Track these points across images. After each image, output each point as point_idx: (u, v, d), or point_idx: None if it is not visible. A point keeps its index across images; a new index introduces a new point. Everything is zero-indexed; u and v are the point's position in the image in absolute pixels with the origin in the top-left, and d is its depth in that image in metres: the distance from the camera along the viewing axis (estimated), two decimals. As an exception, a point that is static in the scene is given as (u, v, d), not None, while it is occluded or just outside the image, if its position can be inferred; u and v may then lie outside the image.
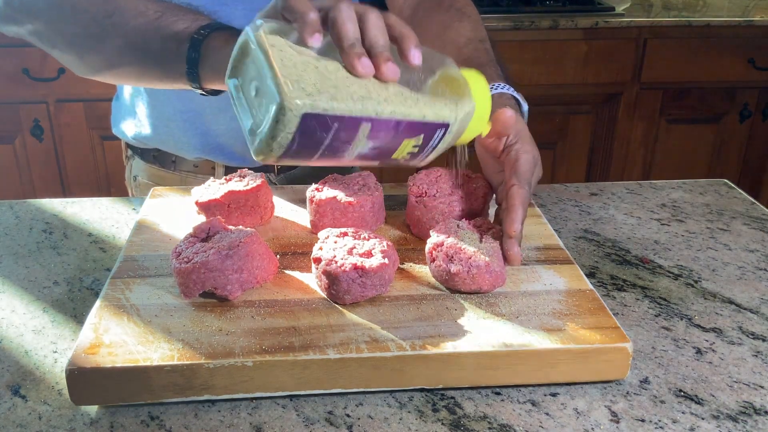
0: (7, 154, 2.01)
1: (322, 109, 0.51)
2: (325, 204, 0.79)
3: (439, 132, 0.57)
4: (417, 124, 0.56)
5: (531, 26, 1.98)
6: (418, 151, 0.58)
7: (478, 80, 0.61)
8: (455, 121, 0.58)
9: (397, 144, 0.57)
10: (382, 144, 0.56)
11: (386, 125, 0.54)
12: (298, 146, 0.53)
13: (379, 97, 0.54)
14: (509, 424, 0.59)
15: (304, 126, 0.51)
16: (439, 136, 0.57)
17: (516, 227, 0.68)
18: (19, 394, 0.62)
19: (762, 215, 0.96)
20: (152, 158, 1.06)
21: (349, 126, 0.53)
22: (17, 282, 0.78)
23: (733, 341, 0.70)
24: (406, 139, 0.56)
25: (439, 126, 0.57)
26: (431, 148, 0.59)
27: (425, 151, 0.59)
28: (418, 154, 0.59)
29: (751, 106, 2.19)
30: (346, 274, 0.66)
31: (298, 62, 0.52)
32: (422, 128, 0.56)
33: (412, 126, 0.56)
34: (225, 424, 0.59)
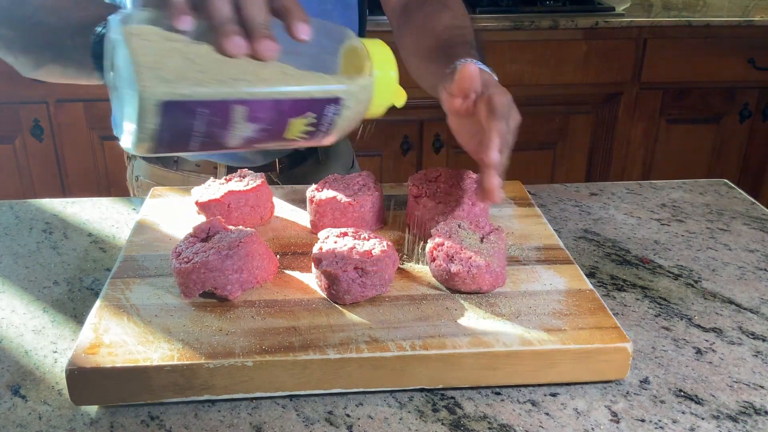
0: (7, 154, 2.01)
1: (182, 95, 0.49)
2: (325, 204, 0.79)
3: (330, 108, 0.54)
4: (301, 102, 0.53)
5: (531, 26, 1.98)
6: (315, 129, 0.56)
7: (381, 50, 0.58)
8: (349, 95, 0.55)
9: (284, 124, 0.54)
10: (268, 125, 0.53)
11: (264, 106, 0.52)
12: (169, 136, 0.51)
13: (253, 77, 0.51)
14: (509, 424, 0.59)
15: (167, 114, 0.49)
16: (332, 111, 0.55)
17: (492, 154, 0.64)
18: (19, 394, 0.62)
19: (762, 215, 0.96)
20: (154, 158, 1.06)
21: (219, 111, 0.51)
22: (17, 282, 0.78)
23: (733, 341, 0.70)
24: (292, 119, 0.54)
25: (328, 101, 0.54)
26: (328, 124, 0.56)
27: (322, 128, 0.56)
28: (315, 133, 0.56)
29: (751, 106, 2.19)
30: (346, 274, 0.66)
31: (161, 49, 0.49)
32: (308, 106, 0.54)
33: (297, 104, 0.53)
34: (225, 424, 0.59)
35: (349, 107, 0.56)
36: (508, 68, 2.03)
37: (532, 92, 2.09)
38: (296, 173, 1.09)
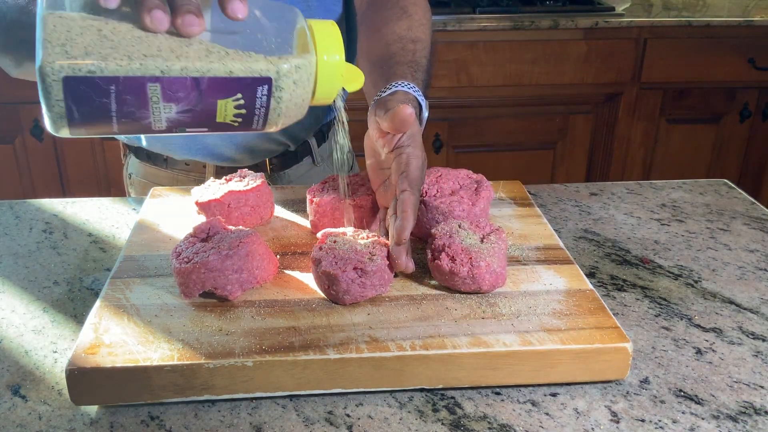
0: (7, 154, 2.01)
1: (87, 71, 0.47)
2: (325, 204, 0.79)
3: (261, 89, 0.52)
4: (225, 81, 0.51)
5: (531, 26, 1.98)
6: (248, 112, 0.53)
7: (327, 32, 0.55)
8: (280, 75, 0.52)
9: (210, 105, 0.52)
10: (191, 106, 0.51)
11: (180, 84, 0.50)
12: (81, 115, 0.49)
13: (168, 54, 0.49)
14: (509, 424, 0.59)
15: (73, 91, 0.48)
16: (264, 93, 0.52)
17: (406, 234, 0.68)
18: (19, 394, 0.62)
19: (762, 215, 0.96)
20: (145, 156, 1.06)
21: (131, 88, 0.49)
22: (17, 282, 0.78)
23: (733, 341, 0.70)
24: (219, 99, 0.52)
25: (257, 82, 0.52)
26: (262, 107, 0.53)
27: (257, 112, 0.53)
28: (251, 116, 0.54)
29: (751, 106, 2.19)
30: (345, 275, 0.66)
31: (76, 27, 0.48)
32: (235, 85, 0.51)
33: (220, 83, 0.51)
34: (225, 424, 0.59)
35: (283, 89, 0.53)
36: (508, 68, 2.03)
37: (532, 92, 2.09)
38: (289, 175, 1.07)
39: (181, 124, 0.53)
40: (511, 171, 2.17)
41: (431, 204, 0.78)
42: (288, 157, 1.06)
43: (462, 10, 2.04)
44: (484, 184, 0.82)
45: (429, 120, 0.80)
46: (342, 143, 0.74)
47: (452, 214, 0.78)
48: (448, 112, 2.09)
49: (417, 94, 0.76)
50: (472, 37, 1.99)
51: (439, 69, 2.00)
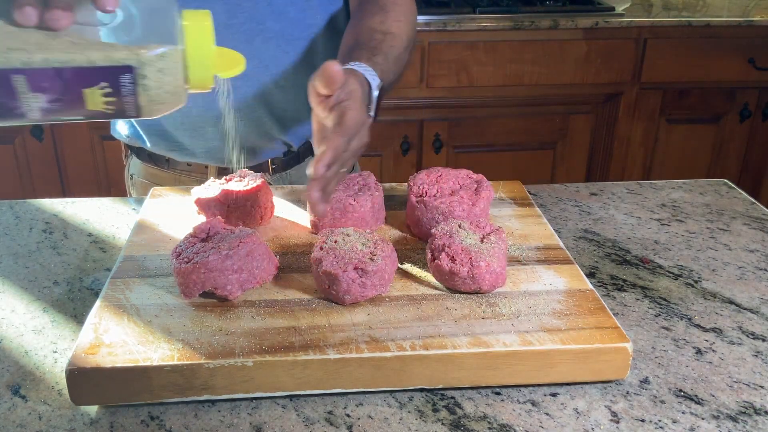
0: (7, 154, 2.01)
1: None
2: (325, 204, 0.79)
3: (125, 77, 0.54)
4: (87, 71, 0.53)
5: (531, 26, 1.98)
6: (117, 99, 0.55)
7: (197, 21, 0.57)
8: (142, 63, 0.54)
9: (77, 94, 0.54)
10: (58, 96, 0.53)
11: (44, 75, 0.52)
12: None
13: (33, 47, 0.52)
14: (509, 424, 0.59)
15: None
16: (129, 81, 0.54)
17: (318, 168, 0.64)
18: (19, 394, 0.62)
19: (762, 215, 0.96)
20: (147, 157, 1.06)
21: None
22: (17, 282, 0.78)
23: (733, 341, 0.70)
24: (84, 89, 0.53)
25: (120, 70, 0.53)
26: (130, 95, 0.55)
27: (127, 99, 0.55)
28: (122, 104, 0.55)
29: (751, 106, 2.19)
30: (346, 275, 0.66)
31: None
32: (99, 75, 0.53)
33: (82, 73, 0.53)
34: (225, 424, 0.59)
35: (148, 77, 0.55)
36: (508, 68, 2.03)
37: (532, 92, 2.09)
38: (291, 175, 1.07)
39: (55, 113, 0.55)
40: (511, 171, 2.17)
41: (431, 204, 0.78)
42: (290, 157, 1.06)
43: (462, 10, 2.04)
44: (484, 184, 0.82)
45: (429, 120, 0.80)
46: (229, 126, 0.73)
47: (452, 214, 0.78)
48: (448, 112, 2.09)
49: (367, 73, 0.76)
50: (472, 37, 1.99)
51: (439, 69, 2.00)
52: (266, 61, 0.94)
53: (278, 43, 0.94)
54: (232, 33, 0.91)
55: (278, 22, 0.93)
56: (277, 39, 0.94)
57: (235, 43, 0.62)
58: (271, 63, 0.95)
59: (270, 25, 0.93)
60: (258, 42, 0.93)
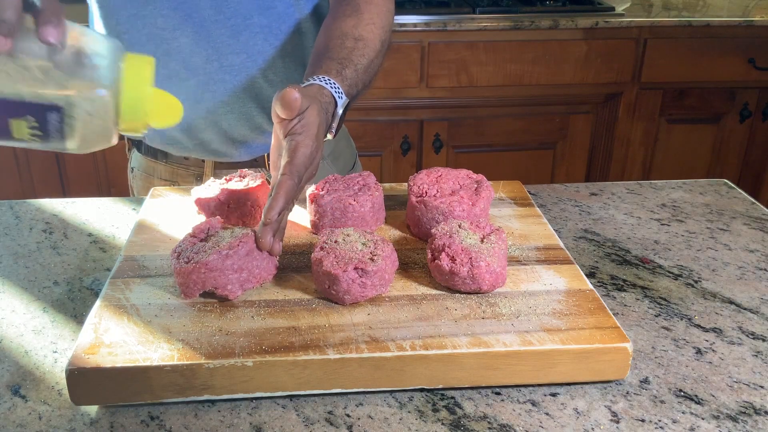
0: (7, 154, 2.01)
1: None
2: (325, 204, 0.79)
3: (52, 115, 0.56)
4: (14, 104, 0.55)
5: (531, 26, 1.98)
6: (42, 133, 0.57)
7: (139, 67, 0.58)
8: (69, 105, 0.55)
9: (3, 122, 0.56)
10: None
11: None
12: None
13: None
14: (509, 424, 0.59)
15: None
16: (56, 119, 0.56)
17: (272, 215, 0.67)
18: (19, 394, 0.62)
19: (762, 215, 0.96)
20: (146, 150, 1.07)
21: None
22: (17, 282, 0.78)
23: (733, 341, 0.70)
24: (11, 119, 0.55)
25: (47, 108, 0.55)
26: (55, 131, 0.56)
27: (52, 134, 0.57)
28: (47, 137, 0.57)
29: (751, 106, 2.19)
30: (346, 275, 0.66)
31: None
32: (25, 109, 0.55)
33: (9, 104, 0.55)
34: (225, 424, 0.59)
35: (76, 118, 0.56)
36: (508, 68, 2.03)
37: (532, 92, 2.09)
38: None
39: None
40: (511, 171, 2.17)
41: (431, 204, 0.78)
42: None
43: (462, 10, 2.04)
44: (484, 184, 0.82)
45: (429, 120, 0.81)
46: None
47: (452, 214, 0.78)
48: (448, 112, 2.09)
49: (333, 90, 0.77)
50: (472, 37, 1.99)
51: (439, 69, 2.00)
52: (254, 55, 0.95)
53: (265, 37, 0.95)
54: (218, 27, 0.92)
55: (265, 16, 0.94)
56: (264, 33, 0.95)
57: (221, 38, 0.61)
58: (259, 57, 0.96)
59: (257, 20, 0.93)
60: (245, 36, 0.94)
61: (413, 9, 2.01)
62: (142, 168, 1.09)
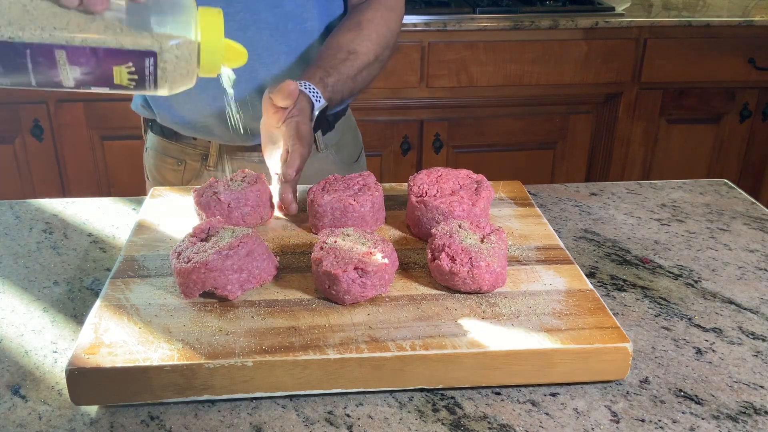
0: (7, 154, 2.01)
1: (8, 37, 0.59)
2: (325, 204, 0.79)
3: (148, 60, 0.63)
4: (118, 52, 0.62)
5: (531, 26, 1.98)
6: (139, 77, 0.64)
7: (211, 17, 0.66)
8: (163, 50, 0.63)
9: (107, 70, 0.63)
10: (92, 70, 0.63)
11: (81, 52, 0.61)
12: (3, 68, 0.61)
13: (75, 28, 0.61)
14: (509, 424, 0.59)
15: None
16: (151, 64, 0.64)
17: (291, 171, 0.80)
18: (19, 394, 0.62)
19: (762, 215, 0.96)
20: (159, 130, 1.11)
21: (42, 52, 0.61)
22: (17, 282, 0.78)
23: (733, 341, 0.70)
24: (115, 66, 0.63)
25: (144, 54, 0.63)
26: (150, 75, 0.64)
27: (147, 78, 0.64)
28: (143, 81, 0.65)
29: (751, 106, 2.19)
30: (346, 275, 0.66)
31: (5, 2, 0.60)
32: (127, 56, 0.63)
33: (113, 53, 0.62)
34: (225, 424, 0.59)
35: (167, 61, 0.64)
36: (508, 68, 2.03)
37: (532, 92, 2.09)
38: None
39: (86, 83, 0.64)
40: (511, 171, 2.17)
41: (431, 204, 0.78)
42: None
43: (462, 10, 2.04)
44: (484, 184, 0.82)
45: (429, 120, 0.84)
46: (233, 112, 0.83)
47: (452, 214, 0.78)
48: (448, 112, 2.09)
49: (311, 94, 0.88)
50: (472, 37, 1.99)
51: (439, 69, 2.00)
52: (259, 50, 0.97)
53: (271, 33, 0.98)
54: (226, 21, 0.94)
55: (273, 14, 0.97)
56: (271, 30, 0.97)
57: (229, 31, 0.69)
58: (264, 52, 0.98)
59: (264, 17, 0.97)
60: (251, 31, 0.97)
61: (413, 9, 2.01)
62: (154, 147, 1.12)
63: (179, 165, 1.10)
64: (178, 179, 1.10)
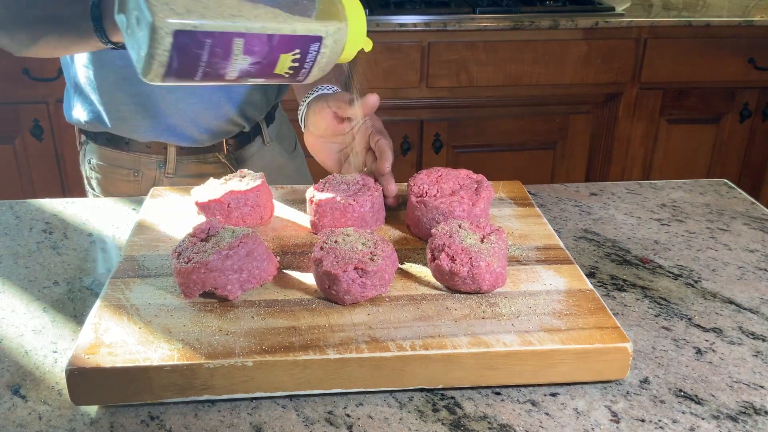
0: (7, 154, 2.01)
1: (192, 26, 0.57)
2: (325, 204, 0.79)
3: (313, 46, 0.63)
4: (289, 38, 0.62)
5: (531, 26, 1.98)
6: (299, 65, 0.64)
7: (356, 5, 0.67)
8: (327, 35, 0.63)
9: (274, 59, 0.62)
10: (261, 59, 0.62)
11: (259, 40, 0.60)
12: (178, 64, 0.58)
13: (249, 14, 0.60)
14: (509, 424, 0.59)
15: (178, 43, 0.57)
16: (315, 49, 0.64)
17: (388, 165, 0.84)
18: (19, 394, 0.62)
19: (762, 215, 0.96)
20: (105, 141, 1.09)
21: (222, 42, 0.59)
22: (17, 282, 0.78)
23: (733, 341, 0.70)
24: (282, 54, 0.62)
25: (312, 40, 0.63)
26: (310, 62, 0.64)
27: (306, 65, 0.64)
28: (300, 69, 0.65)
29: (751, 106, 2.19)
30: (346, 275, 0.66)
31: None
32: (296, 42, 0.62)
33: (285, 40, 0.61)
34: (225, 424, 0.59)
35: (328, 46, 0.64)
36: (508, 68, 2.03)
37: (532, 92, 2.09)
38: (243, 155, 1.13)
39: (248, 75, 0.63)
40: (511, 171, 2.17)
41: (431, 204, 0.78)
42: (242, 137, 1.12)
43: (462, 10, 2.04)
44: (484, 184, 0.82)
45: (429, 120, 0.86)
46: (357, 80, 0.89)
47: (452, 214, 0.78)
48: (448, 112, 2.09)
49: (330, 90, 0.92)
50: (472, 37, 1.99)
51: (439, 69, 2.00)
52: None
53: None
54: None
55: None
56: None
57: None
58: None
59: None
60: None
61: (413, 9, 2.01)
62: (101, 158, 1.10)
63: (136, 176, 1.08)
64: (134, 190, 1.09)
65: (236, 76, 0.62)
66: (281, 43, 0.61)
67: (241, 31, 0.59)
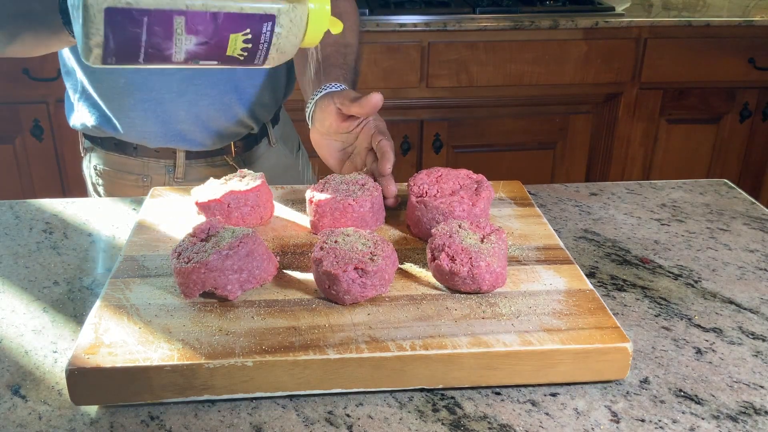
0: (7, 154, 2.01)
1: (125, 3, 0.54)
2: (324, 204, 0.79)
3: (266, 26, 0.60)
4: (237, 17, 0.59)
5: (531, 26, 1.98)
6: (252, 47, 0.61)
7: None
8: (280, 13, 0.60)
9: (223, 39, 0.59)
10: (207, 39, 0.59)
11: (201, 18, 0.58)
12: (114, 44, 0.56)
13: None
14: (509, 424, 0.59)
15: (112, 21, 0.55)
16: (268, 29, 0.60)
17: (390, 166, 0.84)
18: (19, 394, 0.62)
19: (762, 215, 0.96)
20: (113, 146, 1.08)
21: (160, 19, 0.56)
22: (17, 282, 0.78)
23: (733, 341, 0.70)
24: (231, 34, 0.59)
25: (263, 18, 0.60)
26: (265, 42, 0.61)
27: (261, 47, 0.61)
28: (255, 51, 0.62)
29: (751, 106, 2.19)
30: (346, 275, 0.66)
31: None
32: (245, 21, 0.59)
33: (232, 18, 0.59)
34: (225, 424, 0.59)
35: (283, 26, 0.61)
36: (508, 68, 2.03)
37: (532, 92, 2.09)
38: (251, 156, 1.14)
39: (197, 57, 0.60)
40: (511, 171, 2.17)
41: (431, 204, 0.78)
42: (250, 139, 1.13)
43: (462, 10, 2.04)
44: (484, 184, 0.82)
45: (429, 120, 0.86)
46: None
47: (452, 214, 0.78)
48: (448, 112, 2.09)
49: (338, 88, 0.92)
50: (472, 37, 1.99)
51: (439, 69, 2.00)
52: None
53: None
54: None
55: None
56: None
57: None
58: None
59: None
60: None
61: (413, 9, 2.01)
62: (108, 164, 1.10)
63: (144, 181, 1.08)
64: (143, 195, 1.08)
65: (184, 57, 0.60)
66: (228, 21, 0.59)
67: (181, 9, 0.56)
